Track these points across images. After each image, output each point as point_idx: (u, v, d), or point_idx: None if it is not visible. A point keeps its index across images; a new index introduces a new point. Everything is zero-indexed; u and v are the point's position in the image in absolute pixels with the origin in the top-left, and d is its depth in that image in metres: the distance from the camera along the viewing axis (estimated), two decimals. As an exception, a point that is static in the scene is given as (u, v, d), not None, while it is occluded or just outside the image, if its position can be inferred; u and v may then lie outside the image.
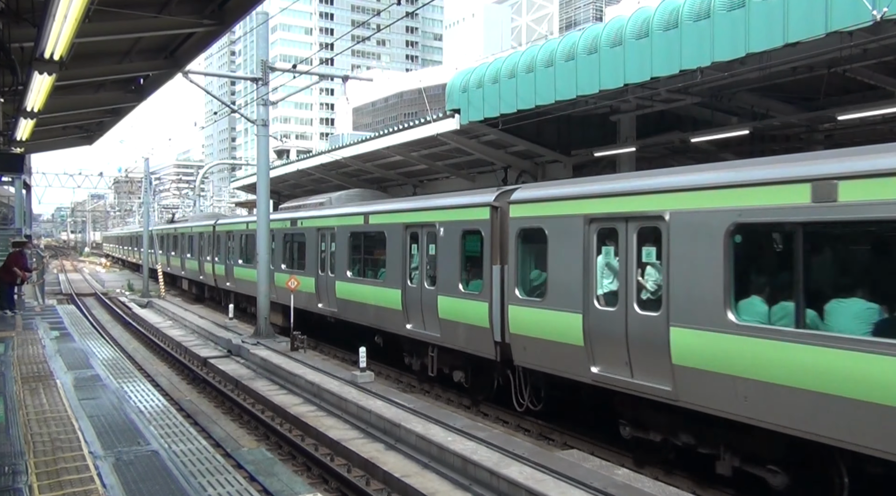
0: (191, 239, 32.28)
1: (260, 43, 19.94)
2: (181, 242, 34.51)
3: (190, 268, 32.63)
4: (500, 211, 11.37)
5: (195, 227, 32.11)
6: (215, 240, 28.11)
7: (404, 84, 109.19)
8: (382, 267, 15.08)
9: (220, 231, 27.58)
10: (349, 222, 16.63)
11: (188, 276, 33.92)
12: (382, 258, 15.06)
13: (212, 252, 28.41)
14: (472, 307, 11.74)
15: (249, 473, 9.18)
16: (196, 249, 31.13)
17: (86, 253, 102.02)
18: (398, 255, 14.17)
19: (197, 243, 31.00)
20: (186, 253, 33.07)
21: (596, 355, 9.19)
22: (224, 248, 26.52)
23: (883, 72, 11.29)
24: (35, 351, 12.80)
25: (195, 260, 31.29)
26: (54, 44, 7.09)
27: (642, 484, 8.18)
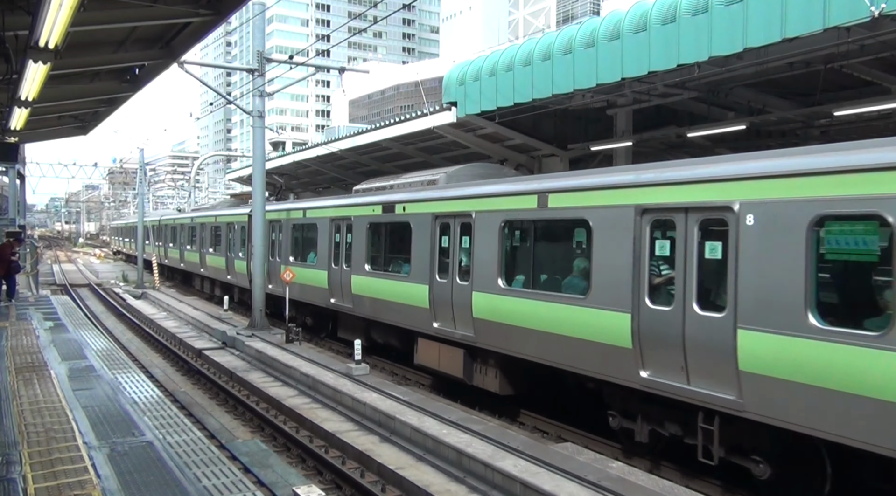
0: (215, 230, 27.09)
1: (256, 34, 19.83)
2: (200, 234, 29.47)
3: (212, 265, 27.39)
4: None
5: (222, 217, 26.49)
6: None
7: (401, 76, 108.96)
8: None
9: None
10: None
11: (209, 275, 28.79)
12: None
13: (248, 246, 23.23)
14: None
15: (244, 465, 9.18)
16: (224, 243, 25.67)
17: (80, 244, 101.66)
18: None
19: (225, 236, 25.51)
20: (208, 247, 28.21)
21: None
22: (264, 243, 21.53)
23: (880, 68, 11.31)
24: (29, 341, 12.77)
25: (221, 256, 26.10)
26: (49, 32, 7.05)
27: (636, 477, 8.21)
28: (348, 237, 16.19)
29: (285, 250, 20.10)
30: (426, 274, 12.94)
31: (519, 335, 10.53)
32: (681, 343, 7.98)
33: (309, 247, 18.61)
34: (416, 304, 13.24)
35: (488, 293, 11.26)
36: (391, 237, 15.00)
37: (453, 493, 8.00)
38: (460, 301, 12.01)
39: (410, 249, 13.50)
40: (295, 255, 19.51)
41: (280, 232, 20.43)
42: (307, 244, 18.81)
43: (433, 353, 13.09)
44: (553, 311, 9.89)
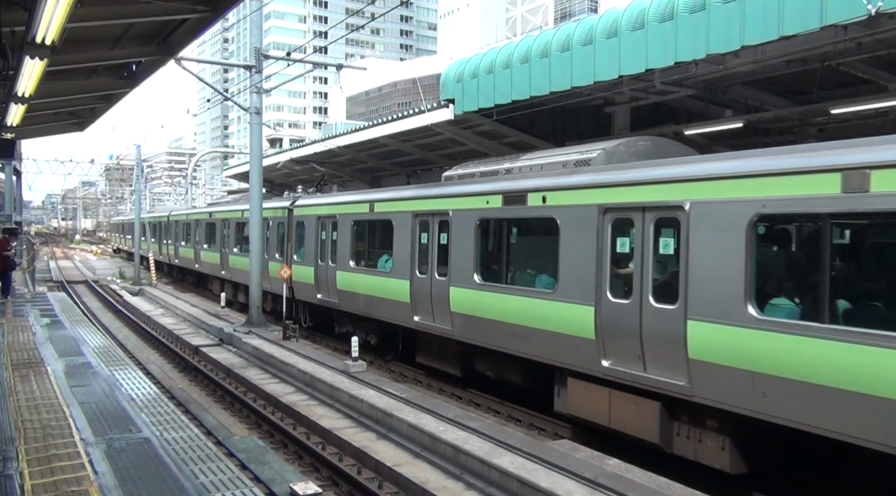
0: (241, 228, 23.04)
1: (253, 30, 19.80)
2: (222, 232, 25.64)
3: (238, 268, 23.14)
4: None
5: (265, 211, 21.21)
6: (297, 228, 19.11)
7: (398, 73, 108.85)
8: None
9: (308, 216, 18.33)
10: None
11: (233, 279, 24.60)
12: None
13: (287, 247, 19.63)
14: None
15: (241, 461, 9.19)
16: (266, 242, 21.25)
17: (77, 240, 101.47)
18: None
19: (275, 233, 21.42)
20: (232, 246, 24.38)
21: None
22: (315, 241, 17.70)
23: (876, 66, 11.32)
24: (26, 338, 12.76)
25: (279, 258, 21.00)
26: (46, 28, 7.02)
27: (633, 474, 8.23)
28: (441, 237, 12.72)
29: (343, 253, 16.08)
30: (589, 290, 9.29)
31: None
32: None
33: (379, 249, 15.29)
34: (571, 333, 9.54)
35: (723, 323, 7.69)
36: (518, 239, 11.70)
37: (450, 490, 8.01)
38: (658, 328, 8.36)
39: (557, 256, 9.91)
40: (357, 259, 15.87)
41: (334, 230, 16.64)
42: (376, 246, 15.55)
43: (598, 401, 9.38)
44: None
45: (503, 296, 10.93)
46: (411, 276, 13.32)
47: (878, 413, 6.25)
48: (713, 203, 7.85)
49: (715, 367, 7.64)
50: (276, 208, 20.73)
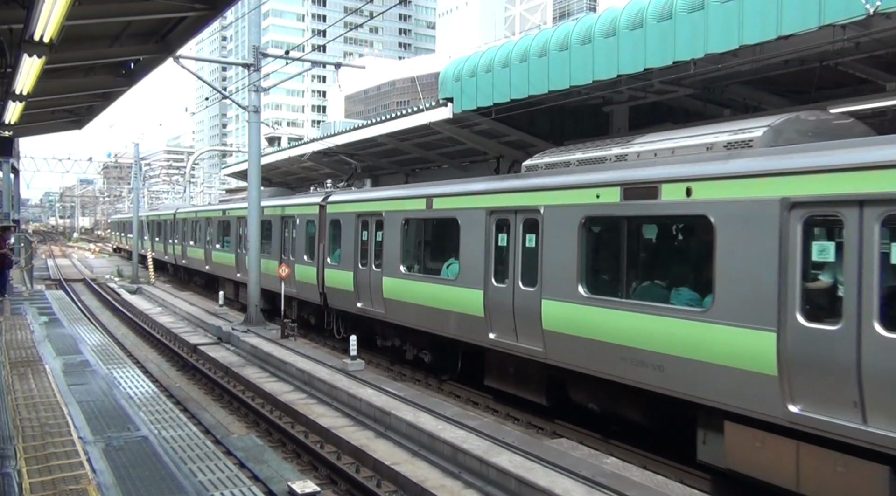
0: (270, 225, 20.43)
1: (252, 28, 19.80)
2: (237, 230, 23.36)
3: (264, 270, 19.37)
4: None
5: (275, 208, 19.98)
6: (331, 228, 16.80)
7: (397, 72, 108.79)
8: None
9: (345, 213, 16.06)
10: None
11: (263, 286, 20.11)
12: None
13: (318, 249, 17.21)
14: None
15: (239, 460, 9.19)
16: (277, 243, 19.90)
17: (75, 238, 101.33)
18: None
19: (279, 233, 19.62)
20: (263, 249, 20.37)
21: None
22: (354, 242, 15.49)
23: (874, 66, 11.34)
24: (23, 336, 12.75)
25: (274, 259, 19.68)
26: (44, 26, 7.01)
27: (630, 473, 8.26)
28: (527, 239, 10.56)
29: (391, 257, 13.92)
30: (767, 310, 7.15)
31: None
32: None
33: (439, 252, 13.41)
34: (736, 365, 7.43)
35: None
36: (643, 241, 9.72)
37: (448, 489, 8.02)
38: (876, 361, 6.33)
39: (710, 264, 7.82)
40: (410, 264, 13.69)
41: (379, 230, 14.55)
42: (436, 249, 13.69)
43: (776, 456, 7.19)
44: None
45: (623, 313, 8.81)
46: (485, 286, 11.21)
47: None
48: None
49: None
50: (303, 205, 18.38)
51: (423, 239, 13.93)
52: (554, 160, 10.89)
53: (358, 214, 15.42)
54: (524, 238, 10.66)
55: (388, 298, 13.93)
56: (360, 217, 15.34)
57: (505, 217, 11.07)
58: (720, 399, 7.62)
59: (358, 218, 15.40)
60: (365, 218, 15.22)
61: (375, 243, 14.68)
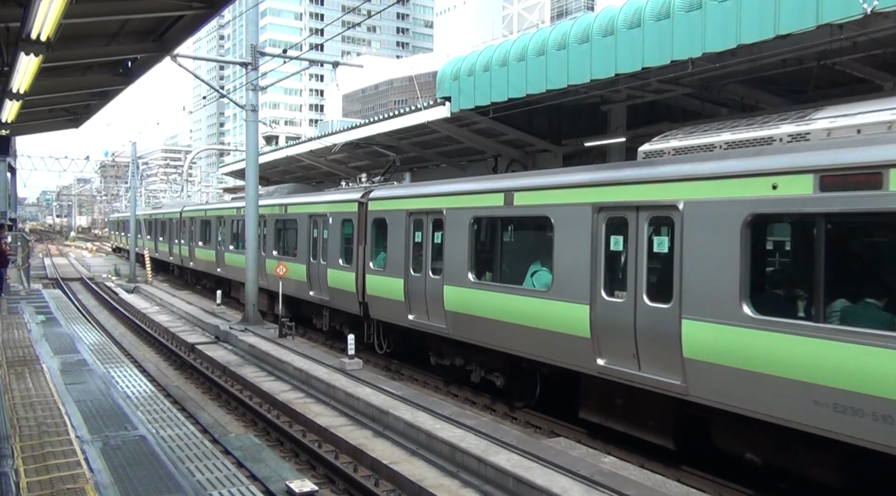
0: (284, 225, 19.00)
1: (249, 27, 19.77)
2: (264, 231, 20.65)
3: (293, 276, 17.93)
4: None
5: (302, 206, 18.30)
6: (374, 228, 14.76)
7: (395, 71, 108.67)
8: None
9: (393, 211, 14.12)
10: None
11: (270, 288, 19.64)
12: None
13: (358, 251, 15.17)
14: None
15: (237, 459, 9.18)
16: (306, 245, 17.60)
17: (72, 237, 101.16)
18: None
19: (308, 234, 17.45)
20: (272, 249, 20.14)
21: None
22: (405, 245, 13.55)
23: (872, 65, 11.35)
24: (21, 335, 12.72)
25: (301, 263, 17.63)
26: (41, 24, 6.99)
27: (628, 471, 8.26)
28: (654, 243, 8.57)
29: (455, 262, 11.97)
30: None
31: None
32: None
33: (520, 257, 11.53)
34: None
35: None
36: (850, 245, 7.59)
37: (446, 488, 8.02)
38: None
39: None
40: (480, 271, 11.74)
41: (437, 230, 12.65)
42: (516, 253, 11.80)
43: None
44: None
45: (820, 342, 6.64)
46: (593, 300, 9.08)
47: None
48: None
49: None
50: (338, 202, 16.28)
51: (500, 241, 11.69)
52: (687, 144, 8.70)
53: (409, 212, 13.30)
54: (651, 241, 8.52)
55: (451, 311, 11.95)
56: (413, 215, 13.26)
57: (620, 215, 8.85)
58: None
59: (409, 216, 13.31)
60: (419, 216, 13.14)
61: (433, 246, 12.68)
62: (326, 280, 16.40)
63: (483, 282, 11.52)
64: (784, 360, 6.91)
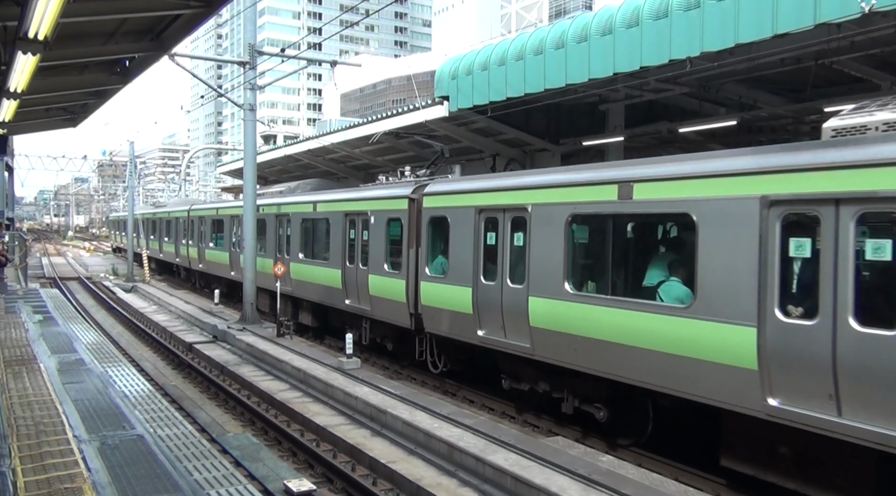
0: (327, 225, 16.50)
1: (247, 26, 19.78)
2: (276, 231, 19.28)
3: (313, 280, 17.03)
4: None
5: (359, 202, 15.34)
6: (431, 228, 12.79)
7: (393, 70, 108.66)
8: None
9: (456, 209, 12.07)
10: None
11: (304, 296, 17.88)
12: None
13: (408, 255, 13.19)
14: None
15: (235, 458, 9.18)
16: (360, 247, 15.05)
17: (69, 237, 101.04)
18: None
19: (381, 234, 14.22)
20: (297, 252, 18.00)
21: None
22: (474, 248, 11.55)
23: (870, 64, 11.38)
24: (18, 334, 12.70)
25: (353, 268, 15.15)
26: (38, 23, 6.97)
27: (626, 470, 8.27)
28: (871, 249, 6.46)
29: (546, 269, 9.90)
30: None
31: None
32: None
33: (640, 264, 9.29)
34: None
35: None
36: None
37: (444, 487, 8.02)
38: None
39: None
40: (582, 280, 9.87)
41: (517, 230, 10.61)
42: (637, 259, 9.54)
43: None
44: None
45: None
46: (762, 322, 7.13)
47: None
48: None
49: None
50: (382, 198, 14.35)
51: (610, 244, 9.36)
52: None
53: (480, 209, 11.35)
54: (863, 248, 6.46)
55: (539, 328, 9.96)
56: (484, 213, 11.31)
57: (807, 211, 6.85)
58: None
59: (479, 214, 11.35)
60: (492, 214, 11.16)
61: (513, 249, 10.69)
62: (367, 287, 14.44)
63: (585, 295, 9.43)
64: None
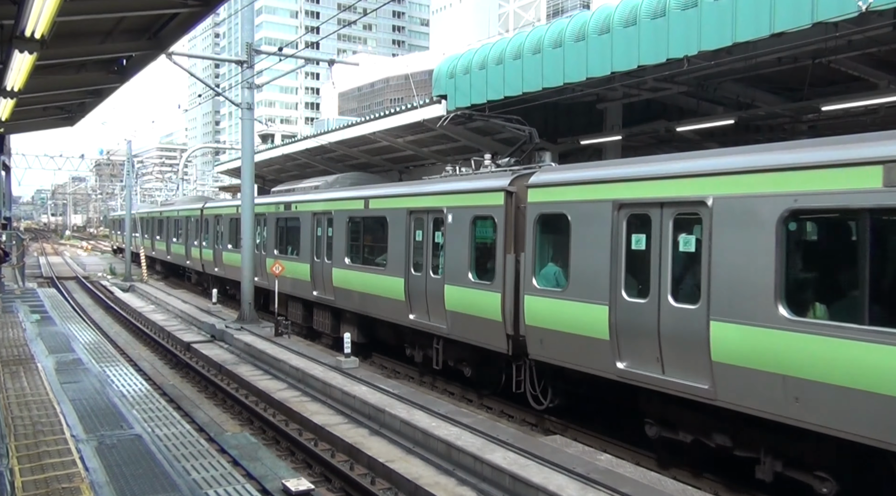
0: (382, 225, 14.18)
1: (245, 25, 19.73)
2: (312, 232, 17.32)
3: (371, 290, 14.46)
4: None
5: (428, 198, 12.84)
6: (539, 227, 10.28)
7: (391, 69, 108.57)
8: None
9: (577, 203, 9.55)
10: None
11: (352, 308, 15.49)
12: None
13: (507, 262, 10.66)
14: None
15: (233, 457, 9.17)
16: (428, 251, 12.69)
17: (67, 236, 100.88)
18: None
19: (463, 236, 11.67)
20: (343, 257, 15.59)
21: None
22: (612, 254, 8.95)
23: (867, 63, 11.39)
24: (15, 334, 12.68)
25: (477, 280, 11.46)
26: (35, 22, 6.96)
27: (624, 469, 8.27)
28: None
29: (741, 282, 7.36)
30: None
31: None
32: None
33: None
34: None
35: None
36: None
37: (443, 486, 8.02)
38: None
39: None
40: (801, 302, 7.06)
41: (682, 231, 8.26)
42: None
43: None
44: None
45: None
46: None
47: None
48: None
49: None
50: (462, 192, 11.85)
51: (866, 251, 6.47)
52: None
53: (620, 204, 8.78)
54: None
55: (728, 364, 7.40)
56: (626, 209, 8.74)
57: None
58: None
59: (619, 210, 8.80)
60: (640, 210, 8.61)
61: (676, 256, 8.18)
62: (442, 301, 11.97)
63: (817, 323, 6.73)
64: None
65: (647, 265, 8.45)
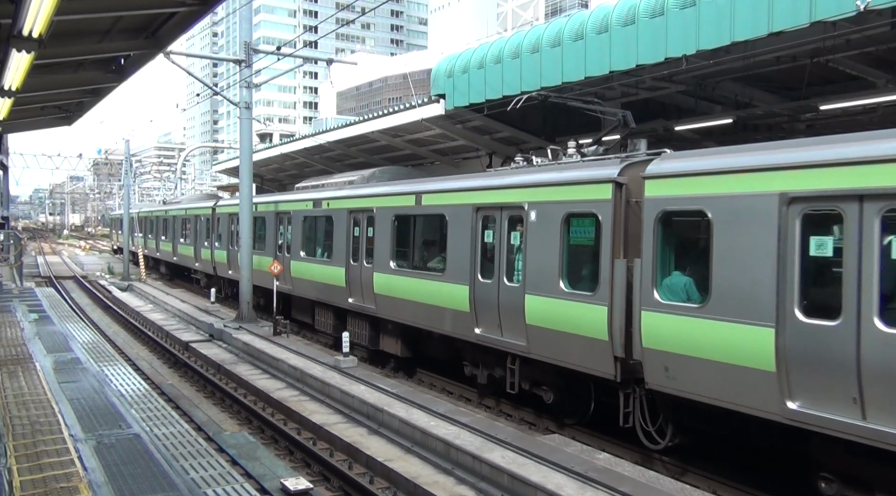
0: (442, 224, 12.28)
1: (243, 24, 19.74)
2: (349, 233, 15.36)
3: (430, 299, 12.45)
4: None
5: (506, 192, 10.83)
6: (670, 230, 8.31)
7: (389, 68, 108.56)
8: None
9: (745, 197, 7.22)
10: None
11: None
12: None
13: (634, 271, 8.49)
14: None
15: (231, 457, 9.17)
16: (502, 253, 10.83)
17: (65, 236, 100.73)
18: None
19: (551, 239, 9.77)
20: (390, 259, 13.57)
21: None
22: (797, 263, 6.76)
23: (865, 62, 11.39)
24: (13, 333, 12.67)
25: (570, 290, 9.52)
26: (33, 21, 6.94)
27: (622, 468, 8.28)
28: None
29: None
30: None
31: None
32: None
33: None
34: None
35: None
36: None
37: (441, 485, 8.03)
38: None
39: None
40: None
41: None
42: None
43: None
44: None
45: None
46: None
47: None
48: None
49: None
50: (551, 185, 10.05)
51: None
52: None
53: (791, 198, 6.83)
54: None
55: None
56: (798, 203, 6.81)
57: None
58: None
59: (788, 206, 6.85)
60: (822, 205, 6.71)
61: (888, 265, 6.17)
62: (522, 313, 10.21)
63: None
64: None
65: (833, 278, 6.52)
